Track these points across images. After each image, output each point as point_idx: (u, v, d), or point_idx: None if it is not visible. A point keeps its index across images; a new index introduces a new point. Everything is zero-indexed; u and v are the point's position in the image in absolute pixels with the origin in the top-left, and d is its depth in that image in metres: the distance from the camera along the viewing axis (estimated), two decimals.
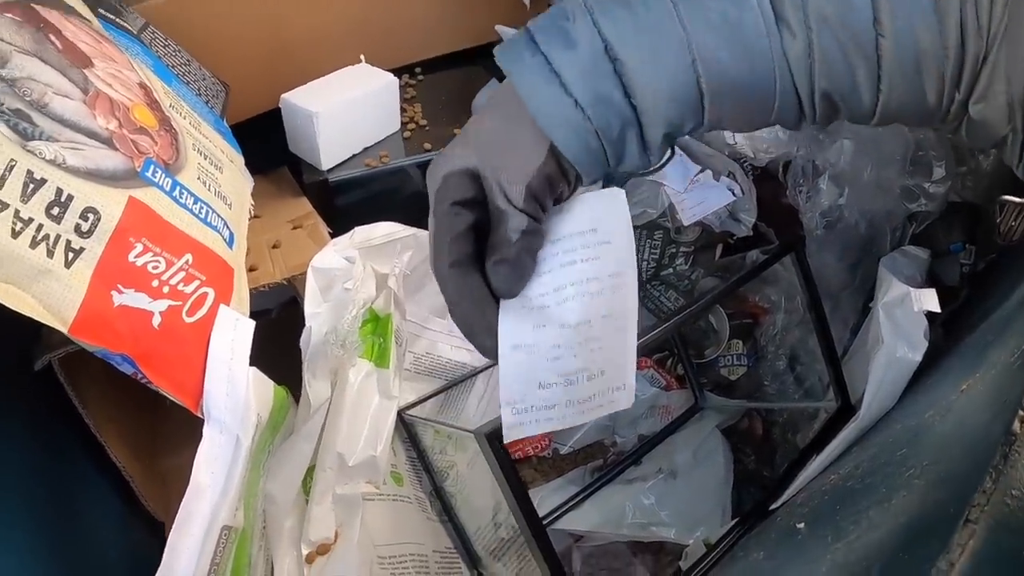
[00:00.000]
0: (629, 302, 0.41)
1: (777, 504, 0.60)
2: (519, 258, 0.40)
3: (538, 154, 0.39)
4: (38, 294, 0.43)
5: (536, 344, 0.40)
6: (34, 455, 0.54)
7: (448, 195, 0.40)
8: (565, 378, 0.40)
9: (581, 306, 0.41)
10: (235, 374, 0.49)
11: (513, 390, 0.40)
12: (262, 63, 0.76)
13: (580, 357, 0.40)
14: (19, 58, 0.47)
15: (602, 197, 0.42)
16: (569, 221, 0.43)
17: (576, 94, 0.38)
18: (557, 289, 0.41)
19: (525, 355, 0.40)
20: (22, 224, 0.43)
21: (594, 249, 0.41)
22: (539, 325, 0.40)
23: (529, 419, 0.40)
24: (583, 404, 0.41)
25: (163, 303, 0.48)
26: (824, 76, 0.38)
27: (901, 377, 0.57)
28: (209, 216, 0.54)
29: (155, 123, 0.55)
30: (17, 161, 0.43)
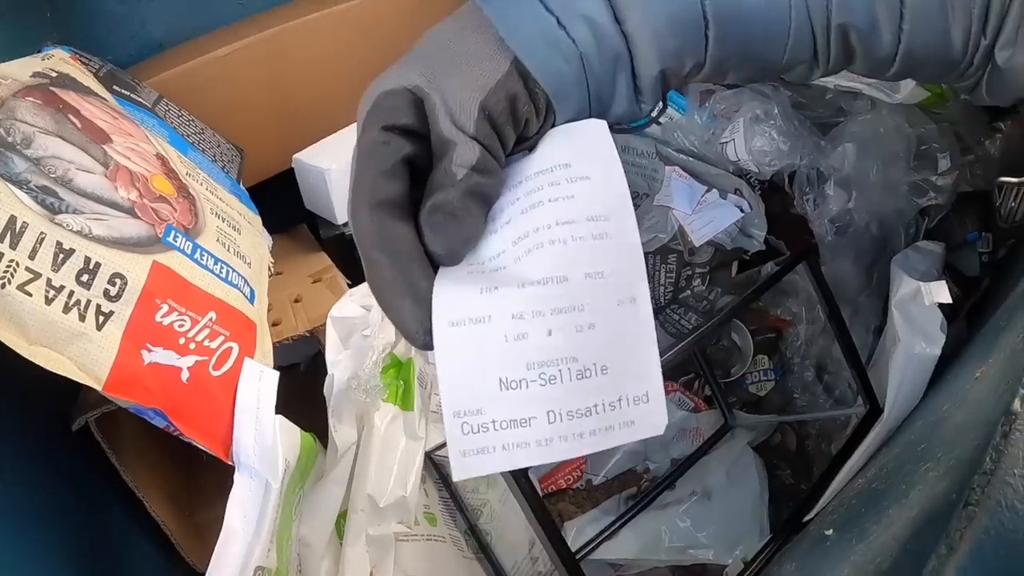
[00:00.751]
0: (630, 261, 0.30)
1: (811, 515, 0.61)
2: (464, 205, 0.31)
3: (499, 67, 0.32)
4: (73, 356, 0.48)
5: (486, 315, 0.29)
6: (75, 512, 0.58)
7: (381, 117, 0.32)
8: (540, 371, 0.28)
9: (550, 256, 0.30)
10: (262, 422, 0.53)
11: (460, 393, 0.29)
12: (273, 126, 0.81)
13: (560, 337, 0.29)
14: (42, 138, 0.52)
15: (577, 127, 0.33)
16: (533, 159, 0.34)
17: (557, 12, 0.33)
18: (516, 241, 0.31)
19: (472, 334, 0.29)
20: (54, 291, 0.47)
21: (566, 187, 0.31)
22: (489, 288, 0.30)
23: (493, 442, 0.28)
24: (581, 421, 0.28)
25: (190, 359, 0.52)
26: (842, 10, 0.34)
27: (922, 373, 0.58)
28: (230, 275, 0.58)
29: (173, 191, 0.60)
30: (47, 233, 0.48)
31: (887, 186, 0.70)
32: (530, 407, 0.28)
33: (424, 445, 0.61)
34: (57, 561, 0.53)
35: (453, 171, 0.31)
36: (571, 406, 0.28)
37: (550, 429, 0.28)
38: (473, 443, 0.28)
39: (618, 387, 0.29)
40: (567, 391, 0.28)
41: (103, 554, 0.58)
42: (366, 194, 0.32)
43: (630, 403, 0.29)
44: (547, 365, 0.28)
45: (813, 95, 0.77)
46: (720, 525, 0.68)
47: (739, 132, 0.74)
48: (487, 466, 0.28)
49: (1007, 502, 0.28)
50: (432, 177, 0.32)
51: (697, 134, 0.76)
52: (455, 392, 0.28)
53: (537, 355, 0.29)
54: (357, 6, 0.83)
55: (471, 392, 0.28)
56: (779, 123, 0.73)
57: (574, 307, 0.29)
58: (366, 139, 0.33)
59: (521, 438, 0.28)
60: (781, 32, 0.34)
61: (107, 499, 0.62)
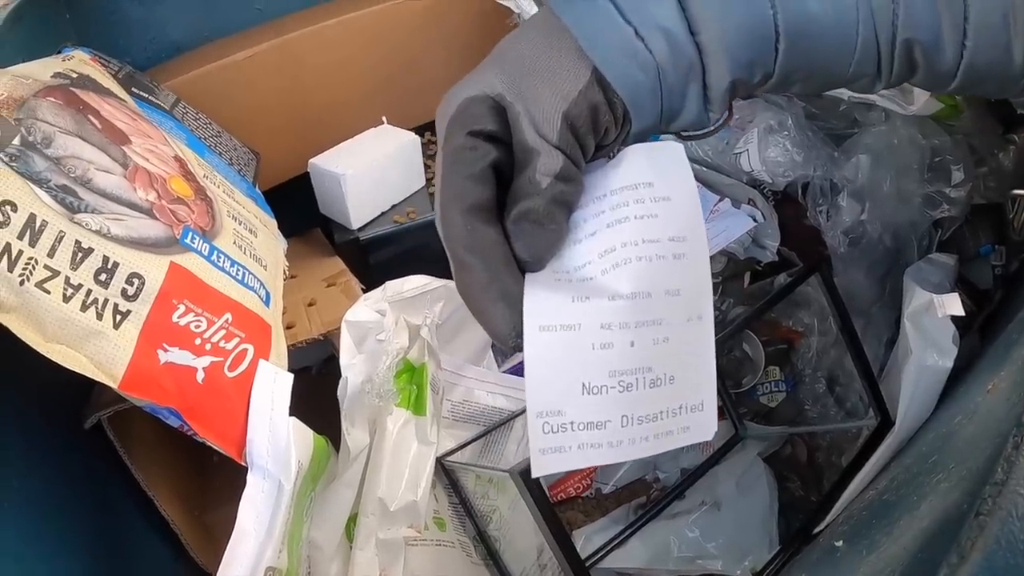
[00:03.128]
0: (700, 280, 0.32)
1: (821, 527, 0.61)
2: (549, 212, 0.33)
3: (580, 77, 0.33)
4: (90, 354, 0.49)
5: (577, 324, 0.31)
6: (86, 510, 0.59)
7: (465, 123, 0.34)
8: (620, 379, 0.31)
9: (637, 272, 0.32)
10: (276, 424, 0.53)
11: (545, 394, 0.30)
12: (289, 130, 0.83)
13: (640, 348, 0.31)
14: (62, 138, 0.53)
15: (657, 148, 0.35)
16: (618, 173, 0.35)
17: (635, 23, 0.33)
18: (604, 254, 0.33)
19: (561, 340, 0.31)
20: (72, 290, 0.48)
21: (650, 205, 0.33)
22: (580, 298, 0.31)
23: (571, 441, 0.30)
24: (648, 426, 0.31)
25: (206, 359, 0.53)
26: (907, 25, 0.34)
27: (934, 386, 0.59)
28: (246, 277, 0.59)
29: (191, 193, 0.61)
30: (65, 232, 0.49)
31: (900, 198, 0.71)
32: (607, 410, 0.31)
33: (436, 450, 0.62)
34: (67, 558, 0.53)
35: (538, 180, 0.32)
36: (642, 411, 0.31)
37: (622, 432, 0.31)
38: (553, 442, 0.30)
39: (681, 395, 0.32)
40: (640, 398, 0.31)
41: (113, 552, 0.59)
42: (458, 198, 0.33)
43: (688, 411, 0.32)
44: (626, 373, 0.31)
45: (826, 106, 0.77)
46: (729, 535, 0.68)
47: (753, 143, 0.75)
48: (564, 463, 0.31)
49: (1018, 512, 0.28)
50: (516, 184, 0.34)
51: (711, 144, 0.77)
52: (540, 393, 0.30)
53: (619, 364, 0.31)
54: (373, 13, 0.84)
55: (555, 394, 0.31)
56: (793, 134, 0.74)
57: (654, 321, 0.32)
58: (452, 144, 0.34)
59: (596, 439, 0.31)
60: (848, 46, 0.35)
61: (118, 497, 0.63)
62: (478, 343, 0.75)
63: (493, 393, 0.73)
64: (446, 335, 0.69)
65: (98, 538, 0.58)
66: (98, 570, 0.56)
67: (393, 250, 0.82)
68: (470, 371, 0.72)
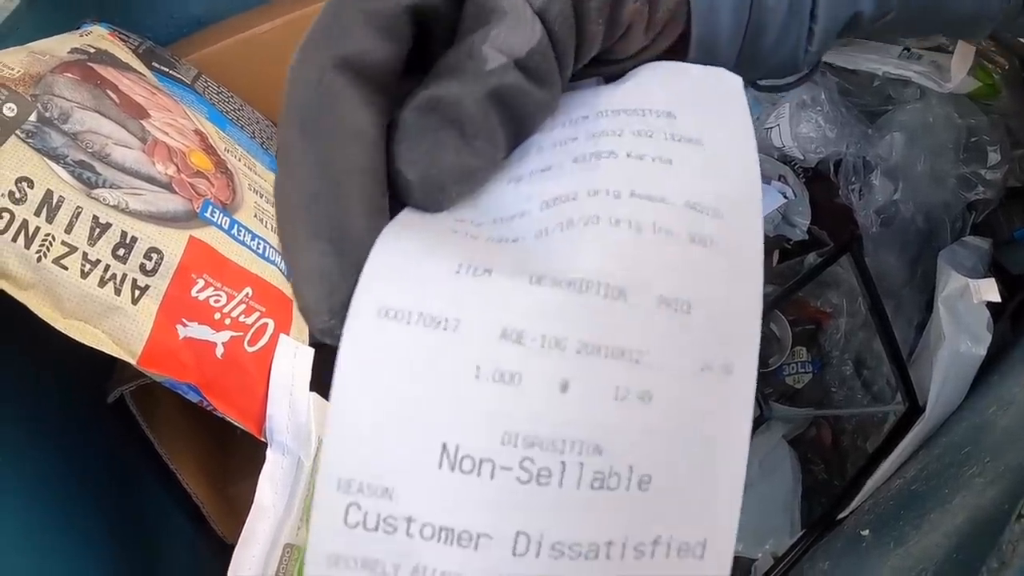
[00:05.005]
0: (739, 297, 0.17)
1: (845, 513, 0.59)
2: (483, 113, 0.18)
3: None
4: (108, 329, 0.47)
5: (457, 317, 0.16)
6: (108, 483, 0.58)
7: None
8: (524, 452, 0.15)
9: (610, 245, 0.16)
10: (296, 399, 0.52)
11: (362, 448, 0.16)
12: None
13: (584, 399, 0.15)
14: (80, 113, 0.51)
15: (699, 72, 0.20)
16: (616, 91, 0.21)
17: None
18: (552, 203, 0.18)
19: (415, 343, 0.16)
20: (90, 265, 0.47)
21: (663, 143, 0.18)
22: (477, 268, 0.16)
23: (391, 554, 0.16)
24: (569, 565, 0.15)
25: (225, 334, 0.51)
26: None
27: (966, 373, 0.56)
28: (267, 251, 0.58)
29: (211, 166, 0.59)
30: (83, 208, 0.47)
31: (935, 178, 0.68)
32: (486, 515, 0.15)
33: None
34: (89, 531, 0.53)
35: (484, 53, 0.18)
36: (563, 535, 0.15)
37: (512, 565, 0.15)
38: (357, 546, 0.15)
39: (658, 519, 0.16)
40: (564, 504, 0.15)
41: (135, 525, 0.58)
42: (330, 40, 0.20)
43: (672, 553, 0.16)
44: (541, 447, 0.15)
45: (860, 82, 0.74)
46: (751, 517, 0.67)
47: (784, 117, 0.72)
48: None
49: None
50: (445, 57, 0.19)
51: None
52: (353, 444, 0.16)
53: (527, 422, 0.15)
54: None
55: (382, 452, 0.16)
56: (826, 109, 0.71)
57: (623, 351, 0.15)
58: None
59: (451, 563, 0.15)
60: None
61: (140, 471, 0.62)
62: None
63: None
64: None
65: (119, 512, 0.57)
66: (118, 541, 0.56)
67: None
68: None
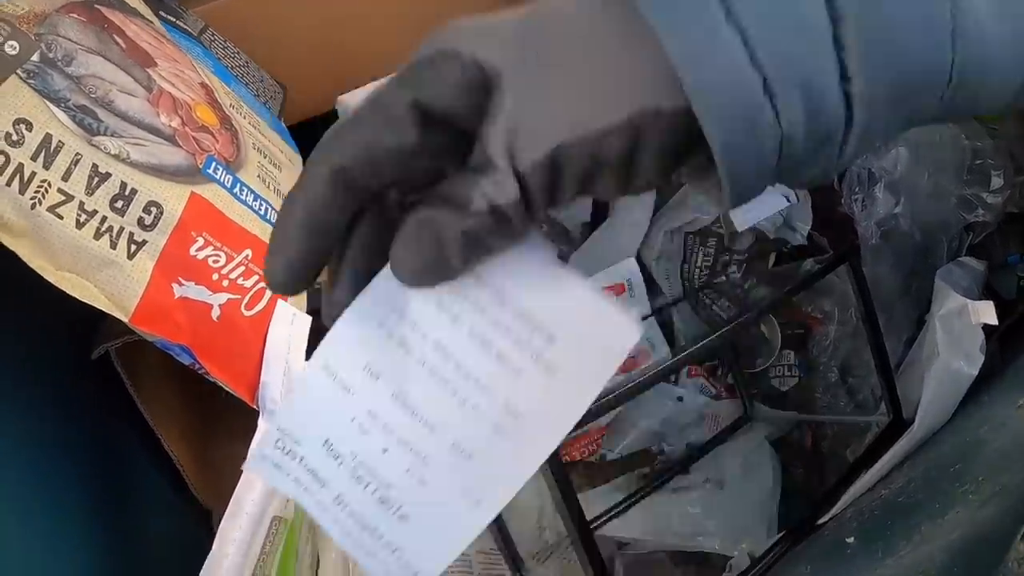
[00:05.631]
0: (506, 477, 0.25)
1: (825, 519, 0.59)
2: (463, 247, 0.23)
3: (619, 108, 0.22)
4: (101, 283, 0.45)
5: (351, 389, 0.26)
6: (88, 442, 0.56)
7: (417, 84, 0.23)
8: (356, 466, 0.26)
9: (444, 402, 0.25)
10: (291, 367, 0.50)
11: (295, 419, 0.27)
12: (318, 66, 0.77)
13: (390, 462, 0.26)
14: (84, 56, 0.49)
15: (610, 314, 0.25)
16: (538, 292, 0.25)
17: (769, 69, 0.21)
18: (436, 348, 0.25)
19: (331, 392, 0.26)
20: (86, 216, 0.44)
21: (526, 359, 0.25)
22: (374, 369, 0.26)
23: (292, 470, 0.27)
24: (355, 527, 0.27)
25: (222, 296, 0.49)
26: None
27: (956, 391, 0.56)
28: (268, 213, 0.55)
29: (216, 122, 0.57)
30: (82, 155, 0.45)
31: (936, 195, 0.67)
32: (332, 478, 0.27)
33: None
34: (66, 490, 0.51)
35: (470, 196, 0.23)
36: (358, 511, 0.26)
37: (334, 508, 0.27)
38: (277, 458, 0.27)
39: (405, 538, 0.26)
40: (364, 499, 0.26)
41: (114, 486, 0.56)
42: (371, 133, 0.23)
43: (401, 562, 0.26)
44: (365, 470, 0.26)
45: None
46: (730, 516, 0.66)
47: None
48: (276, 481, 0.27)
49: None
50: (449, 182, 0.24)
51: None
52: (292, 415, 0.27)
53: (366, 456, 0.26)
54: None
55: (302, 426, 0.27)
56: None
57: (417, 453, 0.26)
58: (392, 96, 0.23)
59: (312, 487, 0.27)
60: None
61: (120, 430, 0.60)
62: None
63: None
64: None
65: (99, 470, 0.55)
66: (97, 501, 0.53)
67: None
68: None
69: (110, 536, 0.53)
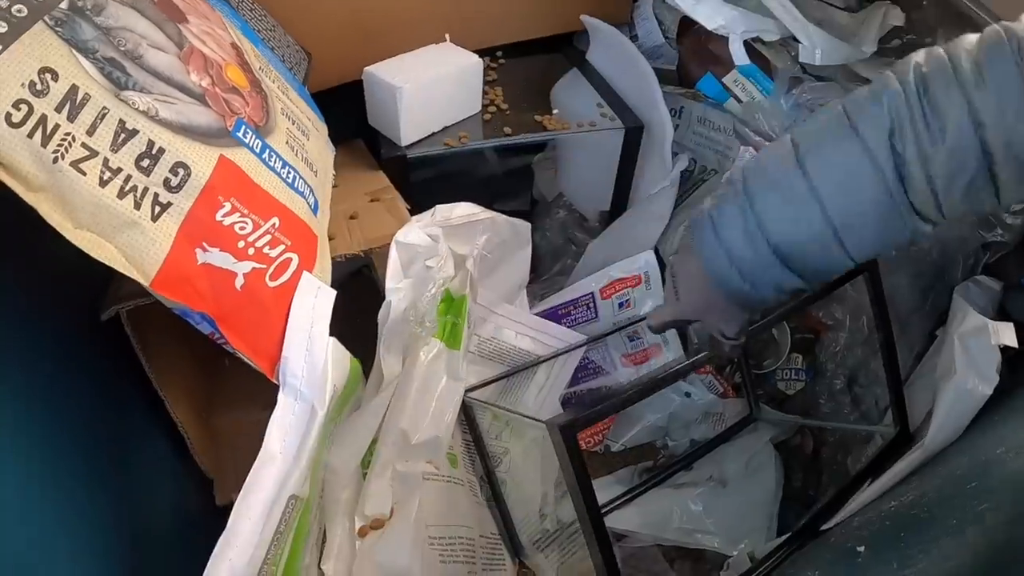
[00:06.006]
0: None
1: (829, 525, 0.59)
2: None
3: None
4: (122, 245, 0.42)
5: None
6: (94, 403, 0.54)
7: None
8: None
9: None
10: (314, 343, 0.48)
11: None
12: (345, 34, 0.75)
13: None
14: (115, 7, 0.46)
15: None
16: None
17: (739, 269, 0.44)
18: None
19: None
20: (111, 173, 0.42)
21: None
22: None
23: None
24: None
25: (247, 265, 0.47)
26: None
27: (969, 410, 0.56)
28: (296, 182, 0.53)
29: (246, 84, 0.54)
30: (110, 109, 0.42)
31: None
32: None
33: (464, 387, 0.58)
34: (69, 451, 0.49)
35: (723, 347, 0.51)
36: None
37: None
38: None
39: None
40: None
41: (117, 449, 0.54)
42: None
43: None
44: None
45: None
46: (731, 515, 0.66)
47: None
48: None
49: None
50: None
51: (778, 119, 0.72)
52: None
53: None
54: None
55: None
56: None
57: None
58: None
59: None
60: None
61: (125, 392, 0.58)
62: (514, 281, 0.70)
63: (521, 334, 0.69)
64: (485, 269, 0.65)
65: (101, 431, 0.53)
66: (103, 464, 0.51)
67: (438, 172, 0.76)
68: (502, 308, 0.67)
69: (111, 500, 0.52)
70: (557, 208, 0.92)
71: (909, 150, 0.37)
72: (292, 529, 0.46)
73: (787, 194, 0.41)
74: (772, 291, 0.44)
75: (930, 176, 0.37)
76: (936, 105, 0.36)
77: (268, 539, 0.43)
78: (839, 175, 0.39)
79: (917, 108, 0.37)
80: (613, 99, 0.81)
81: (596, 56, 0.88)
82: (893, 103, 0.38)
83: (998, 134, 0.35)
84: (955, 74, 0.36)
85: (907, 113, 0.37)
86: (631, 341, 0.76)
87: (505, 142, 0.75)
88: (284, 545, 0.45)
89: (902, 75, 0.38)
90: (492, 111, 0.79)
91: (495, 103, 0.80)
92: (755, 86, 0.74)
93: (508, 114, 0.79)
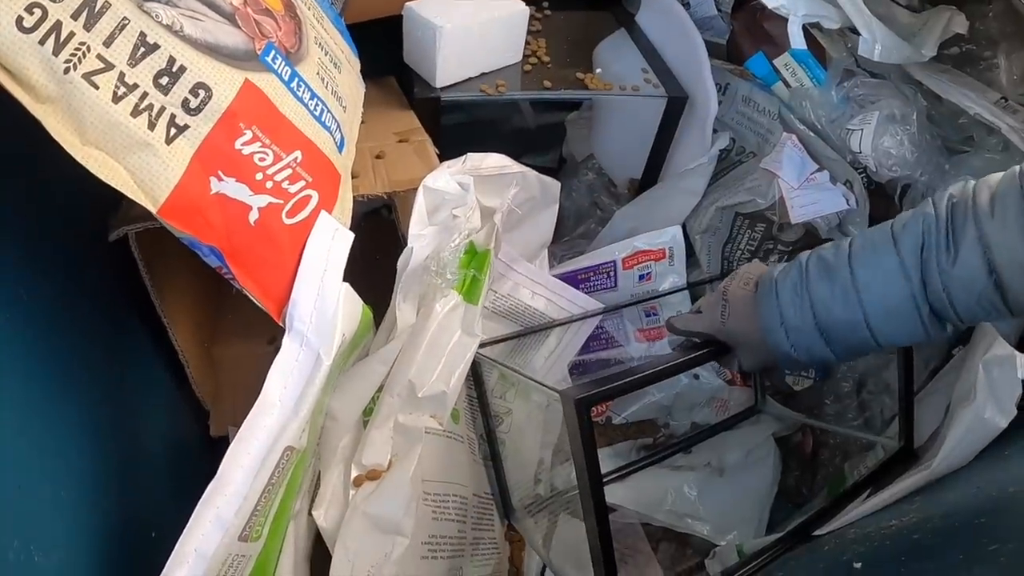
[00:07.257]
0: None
1: (822, 532, 0.56)
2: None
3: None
4: (132, 167, 0.38)
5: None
6: (95, 324, 0.50)
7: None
8: None
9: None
10: (326, 287, 0.44)
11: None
12: None
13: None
14: None
15: None
16: None
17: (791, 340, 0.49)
18: None
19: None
20: (126, 89, 0.37)
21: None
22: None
23: None
24: None
25: (264, 199, 0.43)
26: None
27: (982, 439, 0.53)
28: (324, 115, 0.49)
29: (280, 7, 0.49)
30: (130, 20, 0.37)
31: None
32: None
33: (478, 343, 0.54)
34: (68, 370, 0.45)
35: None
36: None
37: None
38: None
39: None
40: None
41: (113, 370, 0.51)
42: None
43: None
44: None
45: (946, 115, 0.67)
46: (724, 504, 0.63)
47: (870, 124, 0.64)
48: None
49: None
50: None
51: (826, 111, 0.66)
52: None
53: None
54: None
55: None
56: (913, 130, 0.64)
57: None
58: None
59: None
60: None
61: (128, 317, 0.54)
62: (537, 240, 0.67)
63: (537, 294, 0.65)
64: (508, 225, 0.60)
65: (100, 354, 0.50)
66: (96, 383, 0.48)
67: (470, 119, 0.71)
68: (522, 267, 0.64)
69: (109, 422, 0.49)
70: (586, 170, 0.87)
71: (931, 265, 0.44)
72: (285, 481, 0.43)
73: (835, 283, 0.47)
74: (806, 355, 0.49)
75: (947, 287, 0.44)
76: (955, 231, 0.44)
77: (259, 490, 0.40)
78: (878, 276, 0.46)
79: (943, 233, 0.44)
80: (659, 66, 0.75)
81: (645, 19, 0.81)
82: (927, 225, 0.45)
83: (1003, 255, 0.42)
84: (973, 207, 0.43)
85: (934, 235, 0.44)
86: (648, 316, 0.72)
87: (544, 96, 0.70)
88: (275, 497, 0.42)
89: (938, 203, 0.45)
90: (533, 62, 0.73)
91: (537, 55, 0.74)
92: (806, 73, 0.68)
93: (549, 68, 0.74)
